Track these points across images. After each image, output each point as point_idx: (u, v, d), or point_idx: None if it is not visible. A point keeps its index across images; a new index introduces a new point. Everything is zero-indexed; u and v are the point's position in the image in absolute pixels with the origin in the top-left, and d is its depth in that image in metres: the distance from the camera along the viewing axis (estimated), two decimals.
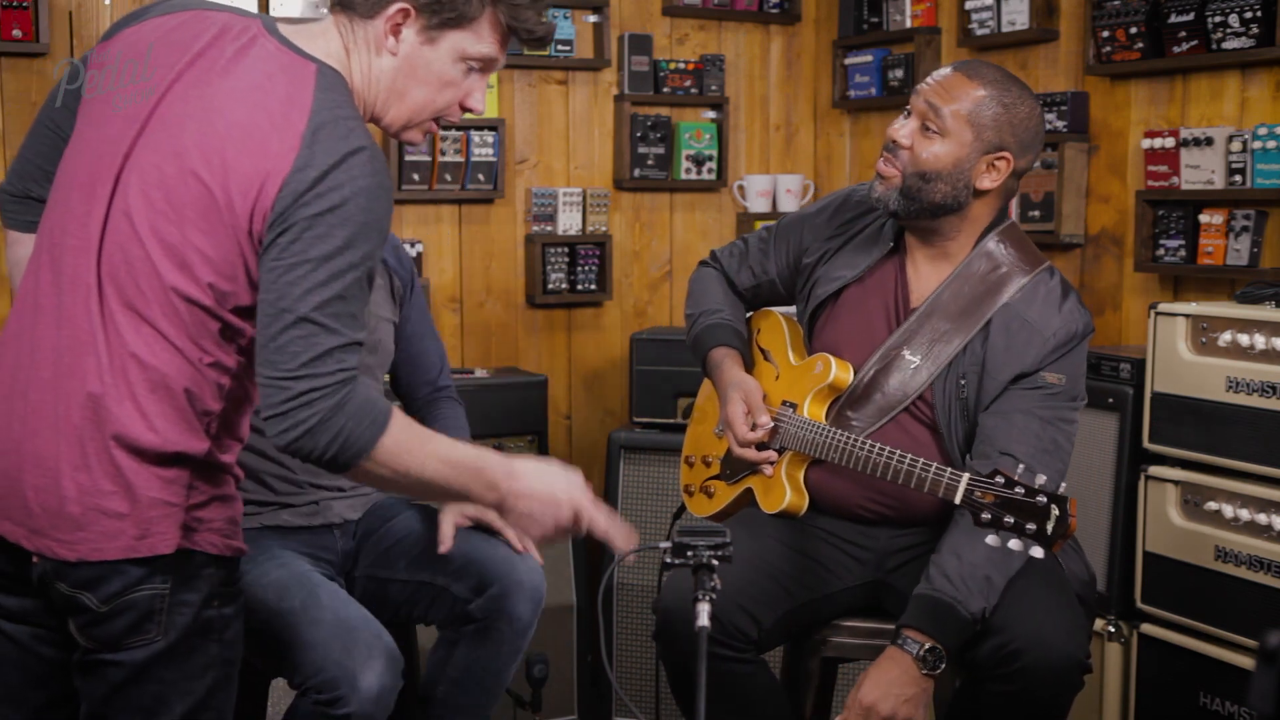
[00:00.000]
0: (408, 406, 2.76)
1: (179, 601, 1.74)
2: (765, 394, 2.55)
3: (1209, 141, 3.23)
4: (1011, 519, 2.09)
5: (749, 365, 2.64)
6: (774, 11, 4.47)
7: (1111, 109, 3.60)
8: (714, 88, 4.32)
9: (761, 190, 4.41)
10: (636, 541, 1.90)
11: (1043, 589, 2.32)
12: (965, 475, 2.18)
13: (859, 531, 2.50)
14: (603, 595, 2.01)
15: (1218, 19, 3.20)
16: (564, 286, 4.16)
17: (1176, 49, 3.31)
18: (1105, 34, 3.47)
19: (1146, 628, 3.04)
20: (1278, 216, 3.17)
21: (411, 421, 1.76)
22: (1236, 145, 3.18)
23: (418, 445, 1.75)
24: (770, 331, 2.67)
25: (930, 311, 2.44)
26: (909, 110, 2.42)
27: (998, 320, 2.40)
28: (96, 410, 1.69)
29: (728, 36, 4.44)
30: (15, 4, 3.42)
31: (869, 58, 4.31)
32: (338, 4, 1.83)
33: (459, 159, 3.95)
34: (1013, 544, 2.08)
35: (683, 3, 4.31)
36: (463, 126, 3.95)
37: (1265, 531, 2.80)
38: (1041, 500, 2.06)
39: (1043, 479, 2.09)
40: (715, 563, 1.81)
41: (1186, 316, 2.94)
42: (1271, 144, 3.10)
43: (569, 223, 4.16)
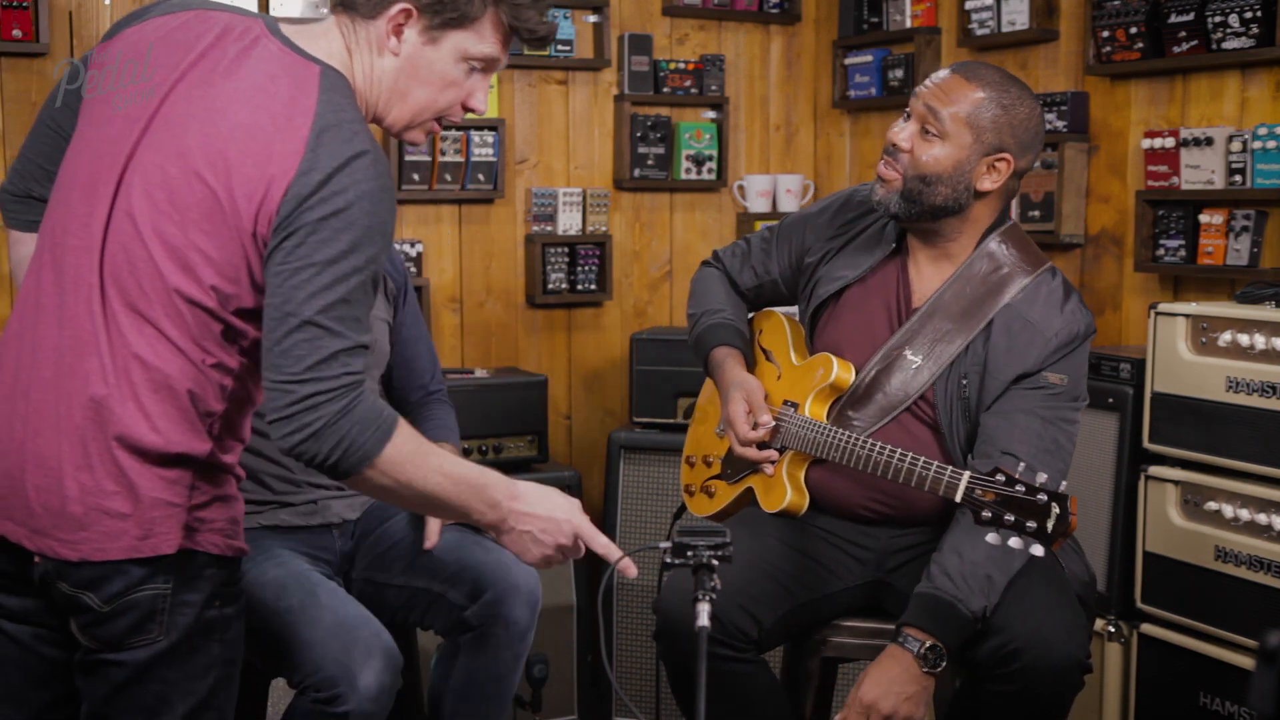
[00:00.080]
0: (399, 409, 2.76)
1: (181, 601, 1.75)
2: (767, 393, 2.55)
3: (1209, 141, 3.23)
4: (1012, 517, 2.09)
5: (751, 365, 2.64)
6: (774, 11, 4.47)
7: (1111, 109, 3.60)
8: (714, 88, 4.32)
9: (761, 190, 4.41)
10: (634, 571, 1.91)
11: (1043, 589, 2.32)
12: (966, 473, 2.18)
13: (859, 531, 2.50)
14: (603, 595, 2.01)
15: (1218, 19, 3.20)
16: (564, 286, 4.16)
17: (1176, 49, 3.31)
18: (1105, 34, 3.47)
19: (1146, 628, 3.04)
20: (1278, 216, 3.17)
21: (416, 433, 1.76)
22: (1236, 145, 3.18)
23: (421, 457, 1.75)
24: (772, 332, 2.67)
25: (932, 312, 2.44)
26: (908, 113, 2.42)
27: (999, 320, 2.40)
28: (99, 411, 1.69)
29: (728, 36, 4.44)
30: (15, 4, 3.42)
31: (869, 58, 4.31)
32: (340, 4, 1.82)
33: (459, 159, 3.95)
34: (1013, 542, 2.08)
35: (683, 3, 4.31)
36: (463, 126, 3.95)
37: (1265, 531, 2.80)
38: (1042, 498, 2.07)
39: (1043, 477, 2.09)
40: (715, 563, 1.81)
41: (1186, 316, 2.94)
42: (1271, 144, 3.10)
43: (569, 223, 4.16)
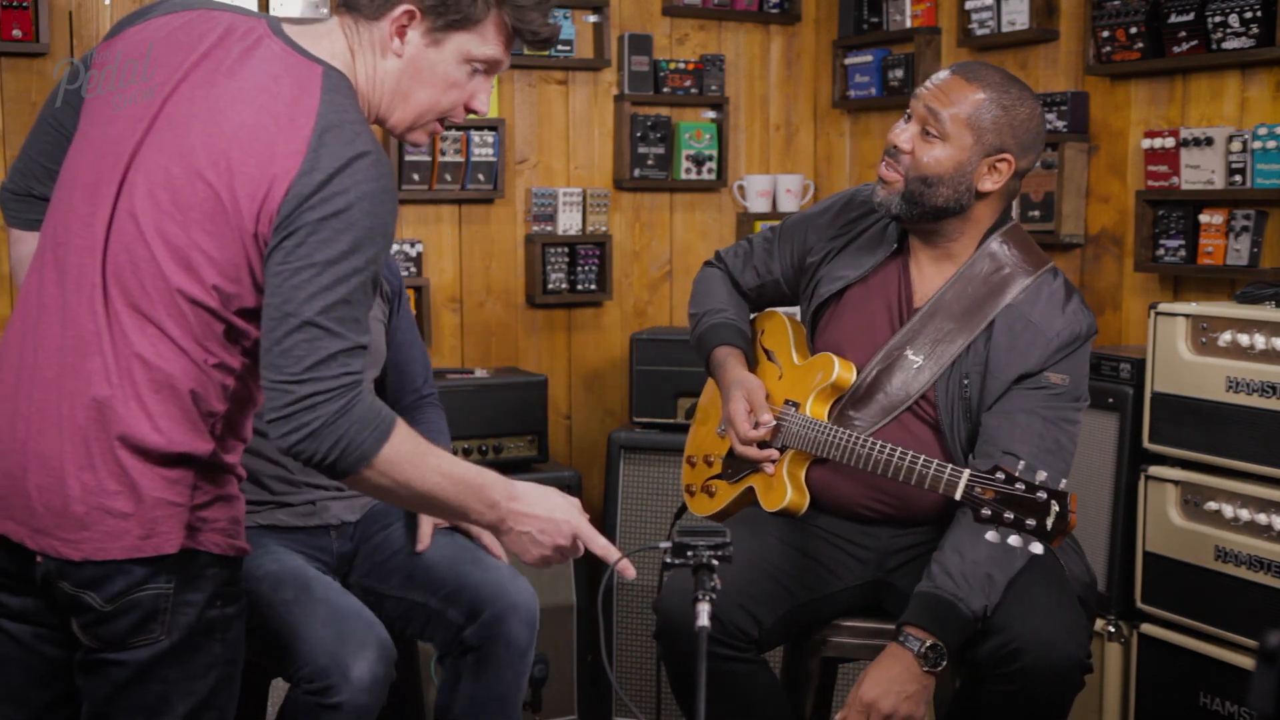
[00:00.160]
0: None
1: (183, 601, 1.75)
2: (768, 393, 2.55)
3: (1209, 141, 3.23)
4: (1011, 515, 2.09)
5: (752, 365, 2.64)
6: (774, 11, 4.47)
7: (1111, 109, 3.60)
8: (714, 88, 4.32)
9: (761, 190, 4.41)
10: (633, 572, 1.91)
11: (1044, 589, 2.32)
12: (966, 471, 2.18)
13: (860, 531, 2.50)
14: (603, 595, 2.01)
15: (1218, 19, 3.20)
16: (564, 286, 4.16)
17: (1176, 49, 3.31)
18: (1105, 34, 3.47)
19: (1146, 628, 3.04)
20: (1278, 216, 3.18)
21: (415, 433, 1.76)
22: (1236, 145, 3.18)
23: (419, 457, 1.75)
24: (774, 332, 2.67)
25: (933, 312, 2.44)
26: (909, 114, 2.42)
27: (1001, 321, 2.40)
28: (102, 411, 1.69)
29: (728, 36, 4.44)
30: (15, 4, 3.42)
31: (869, 58, 4.31)
32: (343, 5, 1.82)
33: (459, 159, 3.95)
34: (1012, 540, 2.08)
35: (683, 3, 4.31)
36: (463, 127, 3.95)
37: (1265, 531, 2.80)
38: (1041, 496, 2.07)
39: (1043, 475, 2.10)
40: (715, 563, 1.81)
41: (1186, 316, 2.95)
42: (1271, 144, 3.10)
43: (569, 223, 4.16)
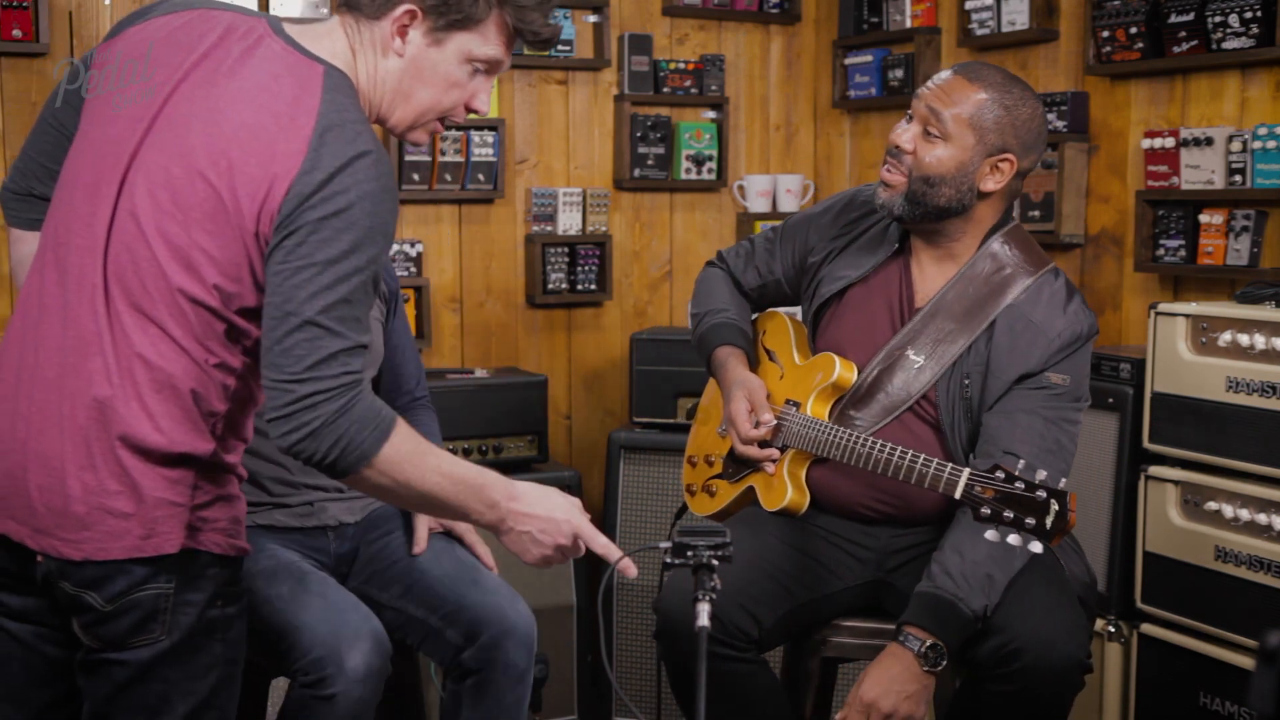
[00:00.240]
0: None
1: (183, 601, 1.75)
2: (769, 393, 2.55)
3: (1209, 141, 3.23)
4: (1010, 514, 2.09)
5: (754, 365, 2.64)
6: (774, 11, 4.47)
7: (1111, 109, 3.60)
8: (714, 88, 4.32)
9: (761, 190, 4.41)
10: (634, 571, 1.91)
11: (1044, 589, 2.32)
12: (966, 470, 2.18)
13: (860, 531, 2.50)
14: (603, 595, 2.01)
15: (1218, 19, 3.20)
16: (564, 286, 4.16)
17: (1176, 49, 3.31)
18: (1105, 34, 3.47)
19: (1146, 628, 3.04)
20: (1278, 216, 3.18)
21: (415, 433, 1.76)
22: (1236, 145, 3.18)
23: (420, 457, 1.75)
24: (775, 332, 2.67)
25: (935, 312, 2.44)
26: (910, 115, 2.42)
27: (1002, 321, 2.40)
28: (103, 411, 1.69)
29: (728, 36, 4.44)
30: (15, 4, 3.42)
31: (869, 58, 4.31)
32: (344, 4, 1.82)
33: (459, 159, 3.95)
34: (1011, 539, 2.08)
35: (683, 3, 4.31)
36: (463, 126, 3.95)
37: (1265, 531, 2.80)
38: (1041, 495, 2.07)
39: (1043, 474, 2.10)
40: (715, 563, 1.81)
41: (1186, 316, 2.95)
42: (1271, 144, 3.10)
43: (569, 223, 4.16)
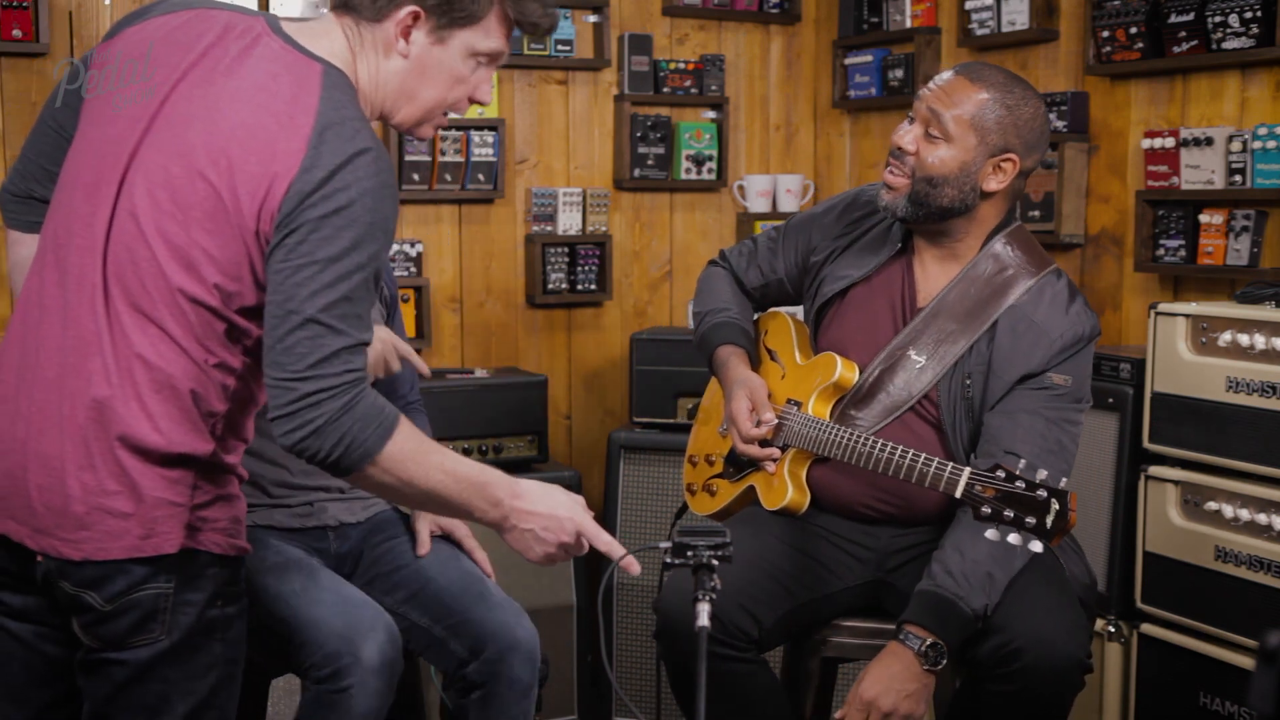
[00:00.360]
0: None
1: (183, 601, 1.75)
2: (770, 392, 2.55)
3: (1209, 141, 3.23)
4: (1011, 513, 2.09)
5: (755, 364, 2.64)
6: (774, 11, 4.47)
7: (1111, 109, 3.60)
8: (714, 88, 4.32)
9: (761, 190, 4.40)
10: (637, 568, 1.90)
11: (1044, 588, 2.32)
12: (966, 469, 2.18)
13: (861, 531, 2.50)
14: (603, 595, 2.01)
15: (1218, 19, 3.20)
16: (564, 286, 4.16)
17: (1176, 49, 3.31)
18: (1105, 34, 3.47)
19: (1146, 628, 3.04)
20: (1278, 216, 3.17)
21: (418, 431, 1.76)
22: (1236, 145, 3.18)
23: (423, 455, 1.75)
24: (777, 332, 2.67)
25: (937, 312, 2.44)
26: (912, 116, 2.42)
27: (1004, 321, 2.40)
28: (102, 411, 1.69)
29: (728, 36, 4.44)
30: (15, 4, 3.42)
31: (869, 58, 4.31)
32: (341, 7, 1.82)
33: (459, 159, 3.95)
34: (1012, 538, 2.08)
35: (683, 3, 4.31)
36: (463, 126, 3.95)
37: (1265, 531, 2.80)
38: (1041, 494, 2.07)
39: (1043, 473, 2.10)
40: (715, 563, 1.80)
41: (1186, 316, 2.94)
42: (1271, 144, 3.10)
43: (569, 223, 4.16)
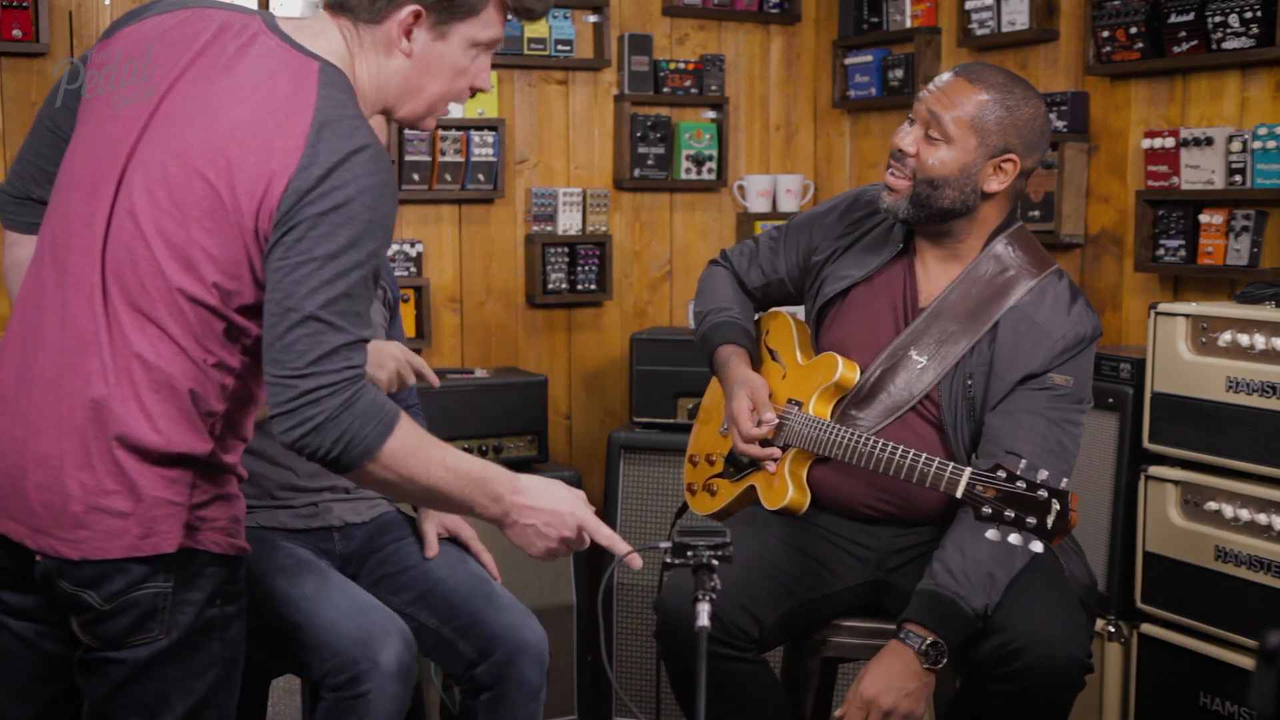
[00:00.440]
0: None
1: (182, 600, 1.74)
2: (771, 392, 2.55)
3: (1209, 141, 3.23)
4: (1012, 513, 2.09)
5: (756, 364, 2.64)
6: (774, 11, 4.47)
7: (1111, 109, 3.60)
8: (714, 88, 4.32)
9: (761, 190, 4.41)
10: (639, 562, 1.90)
11: (1045, 588, 2.32)
12: (968, 469, 2.18)
13: (861, 530, 2.50)
14: (603, 595, 2.01)
15: (1218, 19, 3.20)
16: (564, 286, 4.16)
17: (1176, 49, 3.31)
18: (1105, 34, 3.47)
19: (1146, 628, 3.04)
20: (1278, 216, 3.17)
21: (418, 427, 1.76)
22: (1236, 145, 3.18)
23: (424, 451, 1.75)
24: (778, 332, 2.67)
25: (938, 312, 2.44)
26: (912, 118, 2.42)
27: (1006, 322, 2.40)
28: (100, 411, 1.69)
29: (728, 36, 4.44)
30: (15, 4, 3.42)
31: (869, 58, 4.31)
32: (336, 8, 1.82)
33: (459, 159, 3.95)
34: (1012, 538, 2.08)
35: (683, 3, 4.31)
36: (463, 126, 3.95)
37: (1265, 531, 2.80)
38: (1042, 495, 2.07)
39: (1044, 474, 2.10)
40: (715, 563, 1.80)
41: (1186, 316, 2.94)
42: (1271, 144, 3.10)
43: (569, 223, 4.16)
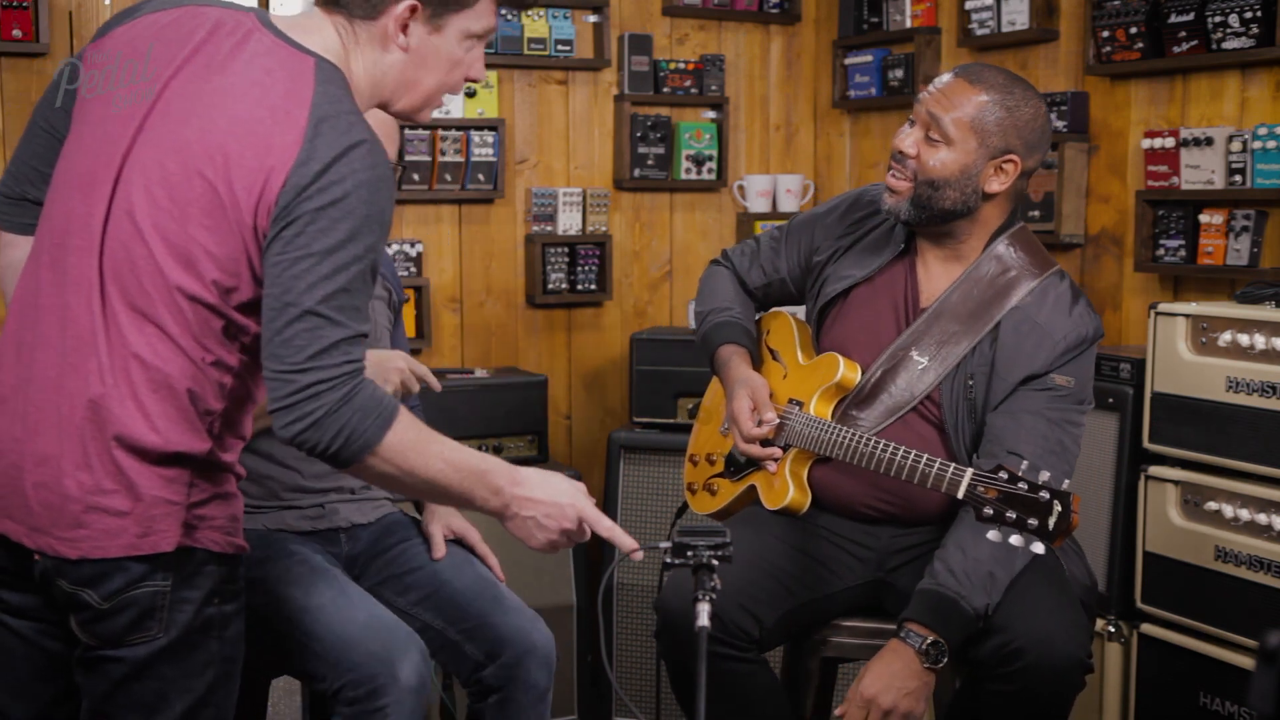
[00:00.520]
0: None
1: (180, 599, 1.74)
2: (772, 392, 2.55)
3: (1209, 141, 3.23)
4: (1013, 514, 2.09)
5: (757, 364, 2.64)
6: (774, 11, 4.47)
7: (1111, 109, 3.60)
8: (714, 88, 4.32)
9: (761, 190, 4.41)
10: (641, 553, 1.90)
11: (1045, 588, 2.31)
12: (969, 470, 2.18)
13: (862, 531, 2.50)
14: (603, 595, 2.01)
15: (1218, 19, 3.20)
16: (564, 286, 4.16)
17: (1176, 49, 3.31)
18: (1105, 34, 3.47)
19: (1146, 628, 3.04)
20: (1278, 216, 3.17)
21: (417, 421, 1.76)
22: (1236, 145, 3.18)
23: (423, 444, 1.75)
24: (779, 332, 2.67)
25: (939, 313, 2.44)
26: (912, 119, 2.42)
27: (1007, 322, 2.40)
28: (98, 411, 1.69)
29: (728, 36, 4.44)
30: (15, 4, 3.42)
31: (869, 58, 4.31)
32: (330, 4, 1.82)
33: (459, 159, 3.95)
34: (1014, 539, 2.08)
35: (683, 3, 4.31)
36: (463, 126, 3.95)
37: (1265, 531, 2.80)
38: (1044, 496, 2.07)
39: (1046, 475, 2.10)
40: (715, 563, 1.80)
41: (1186, 316, 2.94)
42: (1271, 144, 3.10)
43: (569, 223, 4.16)
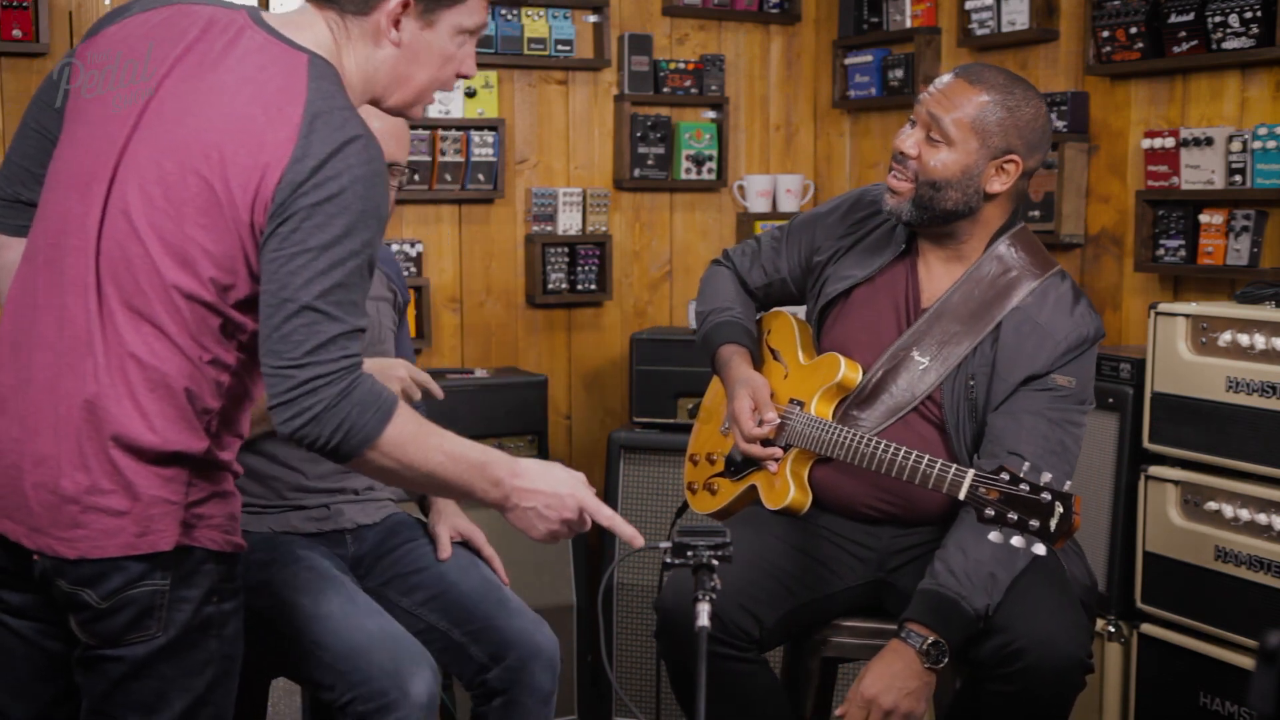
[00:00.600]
0: None
1: (179, 598, 1.74)
2: (773, 392, 2.55)
3: (1209, 141, 3.23)
4: (1015, 515, 2.09)
5: (758, 363, 2.64)
6: (774, 11, 4.47)
7: (1111, 109, 3.60)
8: (714, 88, 4.32)
9: (761, 190, 4.41)
10: (641, 540, 1.89)
11: (1046, 589, 2.31)
12: (971, 471, 2.18)
13: (863, 531, 2.50)
14: (603, 595, 2.01)
15: (1218, 19, 3.20)
16: (564, 286, 4.16)
17: (1176, 49, 3.31)
18: (1105, 34, 3.47)
19: (1146, 628, 3.04)
20: (1278, 216, 3.17)
21: (416, 414, 1.76)
22: (1236, 145, 3.18)
23: (422, 437, 1.75)
24: (780, 331, 2.67)
25: (940, 313, 2.44)
26: (913, 120, 2.42)
27: (1008, 323, 2.40)
28: (94, 411, 1.69)
29: (728, 36, 4.44)
30: (15, 4, 3.42)
31: (869, 58, 4.31)
32: (322, 0, 1.82)
33: (459, 159, 3.95)
34: (1015, 540, 2.08)
35: (683, 3, 4.31)
36: (463, 126, 3.95)
37: (1265, 531, 2.80)
38: (1046, 497, 2.07)
39: (1048, 476, 2.09)
40: (715, 563, 1.80)
41: (1186, 316, 2.94)
42: (1271, 144, 3.10)
43: (569, 223, 4.16)
